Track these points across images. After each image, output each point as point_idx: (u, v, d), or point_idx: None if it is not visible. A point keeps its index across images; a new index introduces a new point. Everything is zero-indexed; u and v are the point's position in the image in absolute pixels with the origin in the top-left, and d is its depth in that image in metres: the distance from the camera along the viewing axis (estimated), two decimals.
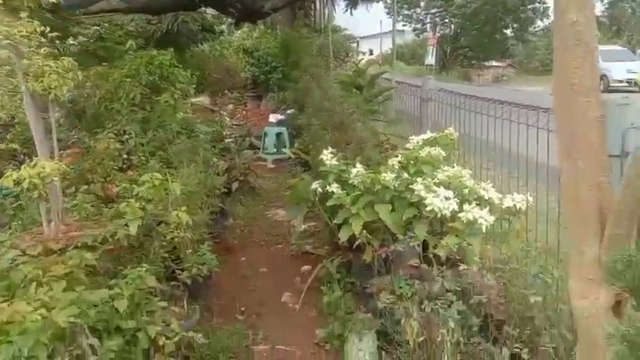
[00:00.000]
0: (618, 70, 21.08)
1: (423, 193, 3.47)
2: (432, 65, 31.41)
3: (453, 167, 3.94)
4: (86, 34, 10.48)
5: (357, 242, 3.48)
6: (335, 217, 3.84)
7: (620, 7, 29.98)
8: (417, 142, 4.49)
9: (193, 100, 13.21)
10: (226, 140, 9.62)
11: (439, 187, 3.55)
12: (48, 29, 3.17)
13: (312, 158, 4.74)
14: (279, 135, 9.03)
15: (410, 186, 3.60)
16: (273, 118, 12.12)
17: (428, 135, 4.58)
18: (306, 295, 4.02)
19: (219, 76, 16.44)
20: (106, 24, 12.14)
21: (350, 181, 3.83)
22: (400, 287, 3.19)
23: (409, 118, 6.28)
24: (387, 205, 3.57)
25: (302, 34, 11.93)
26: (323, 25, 15.83)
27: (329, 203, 3.69)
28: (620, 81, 21.01)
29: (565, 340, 2.52)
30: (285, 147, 9.05)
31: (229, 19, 12.65)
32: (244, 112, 12.74)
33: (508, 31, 35.13)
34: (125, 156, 4.72)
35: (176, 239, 3.56)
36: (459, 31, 34.12)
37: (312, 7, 18.68)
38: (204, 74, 16.12)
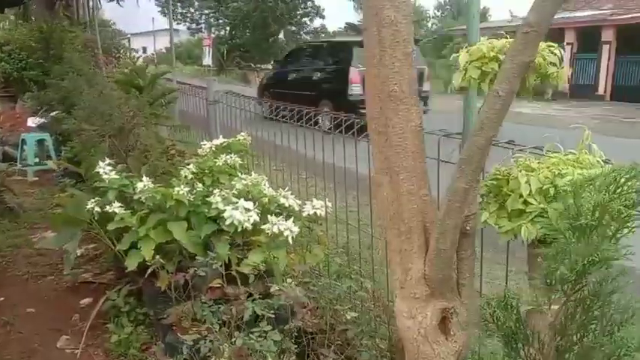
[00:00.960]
0: None
1: (221, 206, 3.16)
2: (209, 66, 31.12)
3: (251, 175, 3.72)
4: None
5: (150, 269, 2.99)
6: (120, 241, 3.27)
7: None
8: (210, 149, 4.15)
9: None
10: None
11: (239, 197, 3.27)
12: None
13: (86, 170, 4.03)
14: (40, 142, 7.76)
15: (207, 199, 3.24)
16: (32, 122, 10.44)
17: (220, 140, 4.27)
18: (90, 335, 3.36)
19: None
20: None
21: (136, 197, 3.30)
22: (204, 314, 2.82)
23: (195, 122, 5.86)
24: (182, 222, 3.14)
25: (64, 27, 10.49)
26: (88, 19, 14.26)
27: (111, 227, 3.11)
28: None
29: (380, 350, 2.46)
30: (49, 156, 7.82)
31: None
32: None
33: (281, 35, 36.71)
34: None
35: None
36: (233, 32, 34.41)
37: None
38: None
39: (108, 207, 3.16)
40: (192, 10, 35.97)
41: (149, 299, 3.45)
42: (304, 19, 36.01)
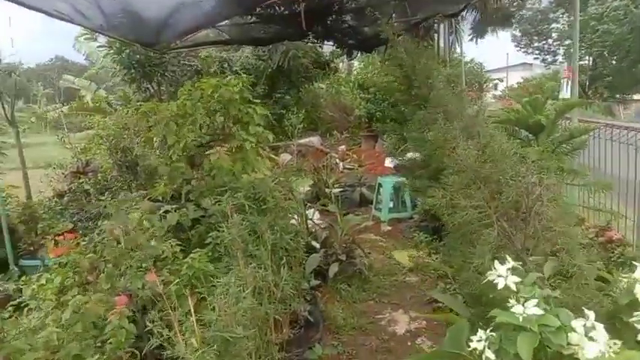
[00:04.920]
0: None
1: None
2: (567, 99, 27.58)
3: None
4: (182, 70, 9.28)
5: None
6: None
7: None
8: None
9: (303, 140, 11.62)
10: (333, 191, 7.72)
11: None
12: None
13: (459, 268, 2.59)
14: (396, 188, 6.89)
15: None
16: (390, 162, 10.05)
17: None
18: None
19: (334, 114, 14.82)
20: (217, 58, 11.00)
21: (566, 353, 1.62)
22: None
23: (607, 179, 3.88)
24: None
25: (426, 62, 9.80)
26: (448, 57, 13.62)
27: None
28: None
29: None
30: (404, 203, 6.90)
31: (342, 50, 10.92)
32: (356, 155, 10.82)
33: None
34: (154, 243, 2.88)
35: None
36: (597, 61, 29.81)
37: (435, 38, 16.59)
38: (317, 112, 14.58)
39: None
40: (549, 42, 32.88)
41: None
42: None
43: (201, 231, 3.28)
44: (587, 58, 30.41)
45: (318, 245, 4.90)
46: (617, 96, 29.03)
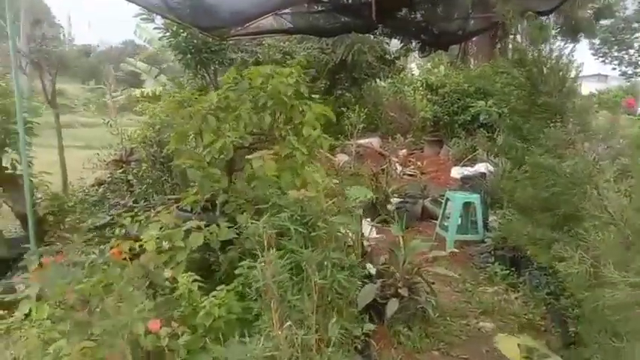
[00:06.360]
0: None
1: None
2: None
3: None
4: (242, 59, 8.67)
5: None
6: None
7: None
8: None
9: (362, 141, 10.80)
10: (392, 202, 6.89)
11: None
12: None
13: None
14: (466, 205, 5.97)
15: None
16: (456, 172, 9.06)
17: None
18: None
19: (396, 114, 13.91)
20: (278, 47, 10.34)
21: None
22: None
23: None
24: None
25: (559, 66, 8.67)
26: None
27: None
28: None
29: None
30: (475, 224, 5.96)
31: (414, 45, 9.97)
32: (419, 163, 9.88)
33: None
34: (168, 273, 2.19)
35: None
36: None
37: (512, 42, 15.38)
38: (378, 112, 13.70)
39: None
40: (630, 52, 30.33)
41: None
42: None
43: (232, 257, 2.57)
44: None
45: (373, 270, 4.12)
46: None
